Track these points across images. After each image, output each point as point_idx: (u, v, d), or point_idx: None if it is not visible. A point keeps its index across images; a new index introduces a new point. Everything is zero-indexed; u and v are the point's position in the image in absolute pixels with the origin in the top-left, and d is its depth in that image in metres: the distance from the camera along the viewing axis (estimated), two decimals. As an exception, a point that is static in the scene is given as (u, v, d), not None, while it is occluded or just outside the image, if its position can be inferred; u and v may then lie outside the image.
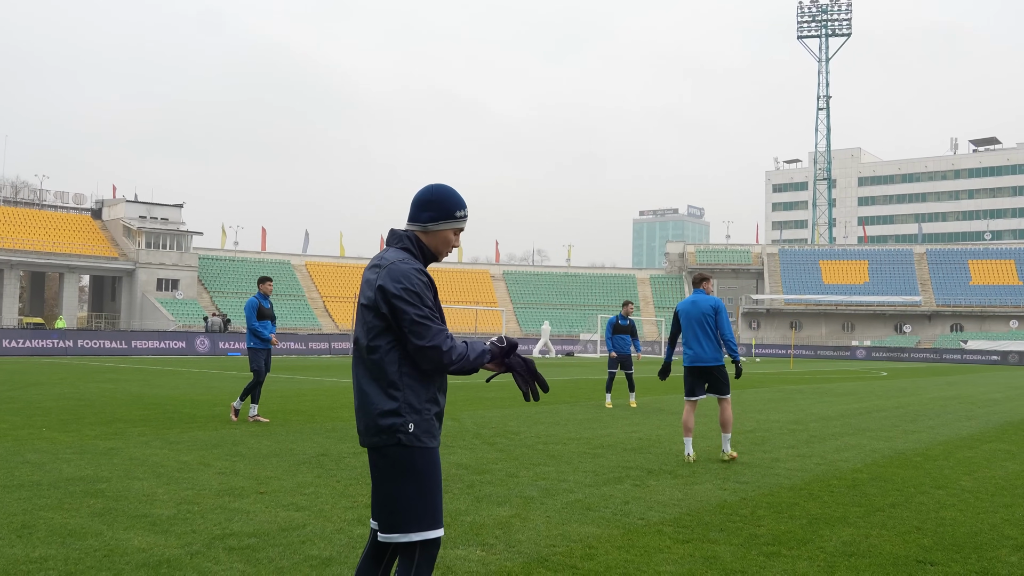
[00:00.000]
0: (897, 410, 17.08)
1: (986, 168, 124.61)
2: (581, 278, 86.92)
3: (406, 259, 3.20)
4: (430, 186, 3.36)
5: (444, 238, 3.33)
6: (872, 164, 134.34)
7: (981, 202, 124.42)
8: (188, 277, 67.69)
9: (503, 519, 6.33)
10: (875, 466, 9.49)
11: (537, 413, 14.55)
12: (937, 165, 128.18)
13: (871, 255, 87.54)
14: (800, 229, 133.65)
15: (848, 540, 5.97)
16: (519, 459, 9.32)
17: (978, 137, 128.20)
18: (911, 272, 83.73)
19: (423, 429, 3.16)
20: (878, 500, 7.48)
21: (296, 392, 18.33)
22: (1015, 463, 9.95)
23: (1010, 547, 5.88)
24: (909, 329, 79.06)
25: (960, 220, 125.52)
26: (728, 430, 9.67)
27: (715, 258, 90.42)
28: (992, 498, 7.68)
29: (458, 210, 3.33)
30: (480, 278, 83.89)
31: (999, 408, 18.30)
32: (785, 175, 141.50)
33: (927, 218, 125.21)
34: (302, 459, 8.96)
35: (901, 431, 13.14)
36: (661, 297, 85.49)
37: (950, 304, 78.82)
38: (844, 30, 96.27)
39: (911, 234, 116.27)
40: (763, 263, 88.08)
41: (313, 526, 5.98)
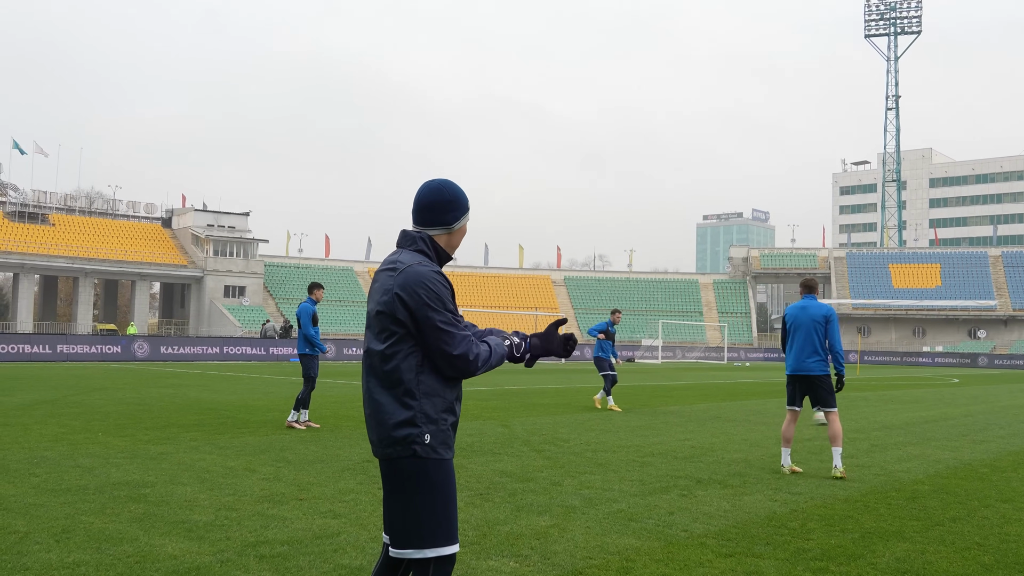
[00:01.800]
0: (966, 419, 16.45)
1: None
2: (643, 283, 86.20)
3: (423, 262, 3.09)
4: (439, 187, 3.23)
5: (462, 234, 3.30)
6: (944, 165, 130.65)
7: None
8: (254, 284, 68.94)
9: (541, 529, 6.19)
10: (938, 477, 9.09)
11: (589, 420, 14.35)
12: (1013, 165, 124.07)
13: (943, 258, 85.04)
14: (868, 232, 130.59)
15: (902, 556, 5.68)
16: (565, 467, 9.15)
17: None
18: (986, 275, 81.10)
19: (439, 440, 3.04)
20: (938, 514, 7.13)
21: (350, 397, 18.42)
22: (1090, 475, 9.43)
23: (1078, 566, 5.52)
24: (984, 334, 76.54)
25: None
26: (838, 444, 9.02)
27: (780, 262, 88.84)
28: (1062, 513, 7.27)
29: (467, 202, 3.31)
30: (541, 283, 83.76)
31: (1077, 417, 17.49)
32: (853, 177, 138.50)
33: (1002, 220, 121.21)
34: (347, 465, 8.94)
35: (969, 440, 12.62)
36: (724, 302, 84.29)
37: (1027, 308, 76.09)
38: (914, 28, 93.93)
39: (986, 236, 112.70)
40: (830, 267, 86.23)
41: (348, 534, 5.91)
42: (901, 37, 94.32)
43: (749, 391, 24.47)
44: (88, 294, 64.92)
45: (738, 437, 12.37)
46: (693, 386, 26.68)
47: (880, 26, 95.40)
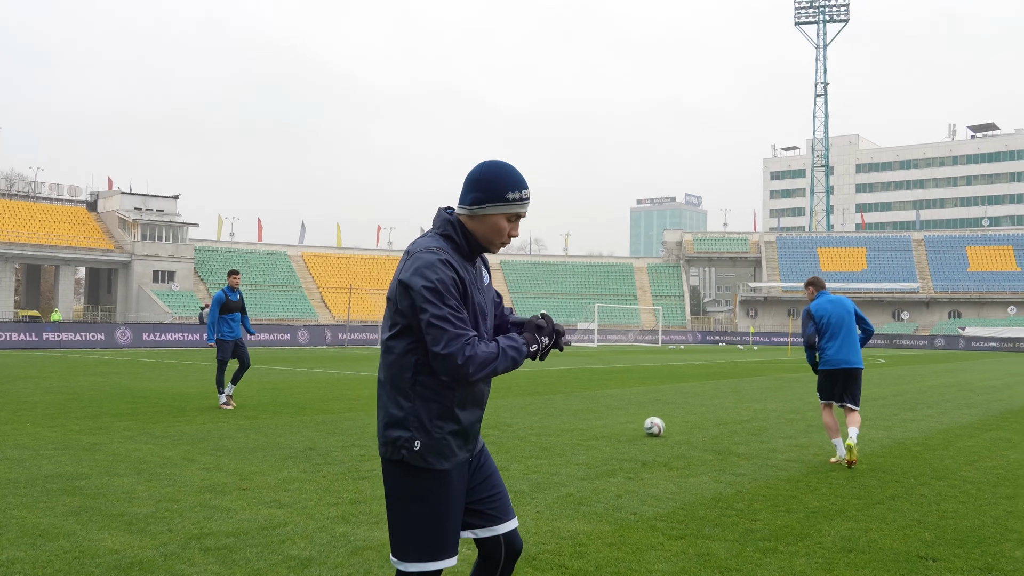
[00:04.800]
0: (896, 398, 16.91)
1: (984, 154, 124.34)
2: (579, 267, 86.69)
3: (437, 247, 2.78)
4: (484, 162, 2.87)
5: (493, 225, 2.84)
6: (870, 151, 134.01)
7: (979, 188, 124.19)
8: (184, 269, 67.42)
9: (491, 515, 6.14)
10: (874, 456, 9.31)
11: (531, 404, 14.37)
12: (935, 151, 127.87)
13: (869, 242, 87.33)
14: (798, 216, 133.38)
15: (847, 535, 5.79)
16: (510, 452, 9.13)
17: (976, 123, 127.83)
18: (909, 259, 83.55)
19: (432, 449, 2.77)
20: (878, 492, 7.29)
21: (288, 384, 18.14)
22: (1016, 452, 9.77)
23: (1015, 541, 5.70)
24: (907, 316, 78.92)
25: (958, 206, 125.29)
26: (856, 426, 8.76)
27: (712, 246, 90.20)
28: (994, 489, 7.50)
29: (511, 191, 2.80)
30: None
31: (998, 395, 18.14)
32: (783, 162, 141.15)
33: (925, 205, 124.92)
34: (289, 453, 8.77)
35: (900, 420, 12.97)
36: (658, 286, 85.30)
37: (948, 291, 78.68)
38: (842, 16, 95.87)
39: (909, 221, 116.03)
40: (761, 251, 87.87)
41: (295, 524, 5.78)
42: (830, 25, 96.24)
43: (686, 374, 24.80)
44: (9, 279, 62.71)
45: (678, 419, 12.50)
46: (631, 369, 26.94)
47: (809, 14, 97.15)
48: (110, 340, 39.95)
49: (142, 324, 45.04)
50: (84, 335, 39.51)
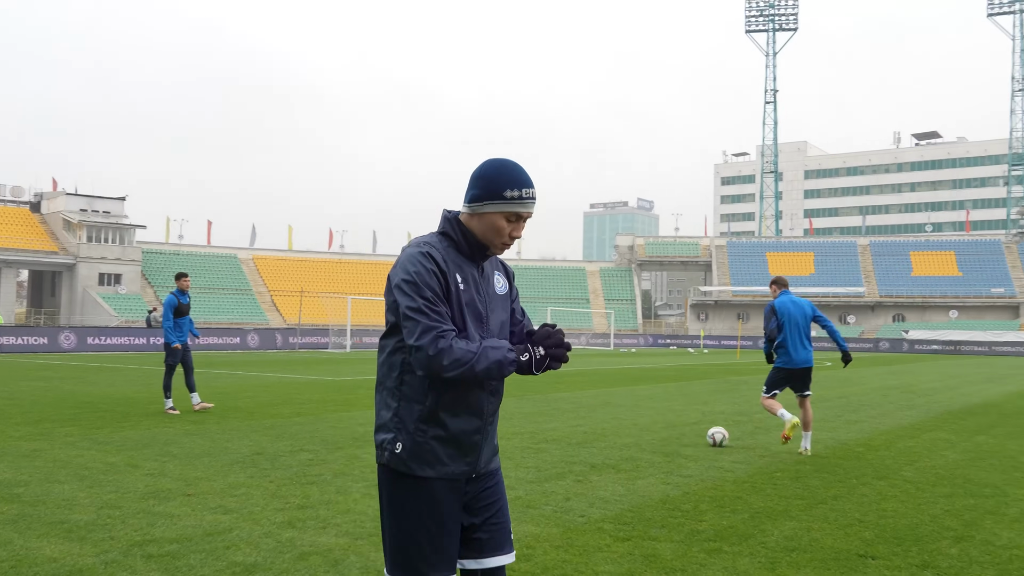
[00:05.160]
0: (840, 400, 17.23)
1: (927, 162, 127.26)
2: (531, 271, 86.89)
3: (425, 242, 2.70)
4: (488, 159, 2.77)
5: (491, 224, 2.71)
6: (818, 157, 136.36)
7: (922, 195, 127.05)
8: (131, 271, 66.19)
9: (440, 519, 6.13)
10: (818, 457, 9.48)
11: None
12: (880, 159, 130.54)
13: (816, 247, 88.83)
14: (748, 221, 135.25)
15: (790, 534, 5.89)
16: (461, 455, 9.11)
17: (920, 131, 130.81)
18: (855, 263, 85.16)
19: (414, 454, 2.65)
20: (821, 492, 7.43)
21: (237, 388, 17.91)
22: (954, 452, 10.02)
23: (950, 539, 5.84)
24: (853, 320, 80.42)
25: (902, 212, 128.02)
26: (809, 428, 9.78)
27: (664, 250, 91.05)
28: (932, 488, 7.68)
29: (509, 189, 2.67)
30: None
31: (939, 397, 18.57)
32: (733, 168, 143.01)
33: (870, 210, 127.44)
34: (235, 458, 8.66)
35: (844, 421, 13.21)
36: (611, 289, 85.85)
37: (892, 295, 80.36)
38: (791, 25, 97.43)
39: (855, 226, 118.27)
40: (711, 255, 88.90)
41: (240, 530, 5.72)
42: (779, 33, 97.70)
43: (637, 377, 25.00)
44: (-52, 282, 61.02)
45: (628, 422, 12.60)
46: (582, 372, 27.07)
47: (759, 22, 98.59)
48: (53, 344, 39.08)
49: (87, 328, 44.12)
50: (26, 339, 38.60)
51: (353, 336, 50.67)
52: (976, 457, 9.65)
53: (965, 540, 5.81)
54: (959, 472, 8.60)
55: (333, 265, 78.69)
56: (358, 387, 18.63)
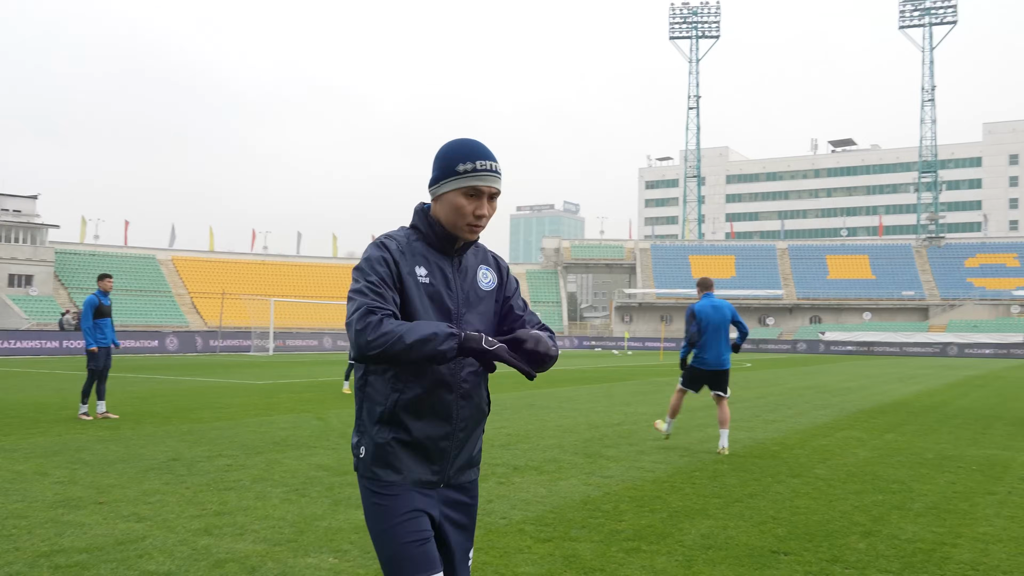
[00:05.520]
0: (758, 400, 17.64)
1: (843, 168, 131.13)
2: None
3: (385, 235, 2.60)
4: (444, 143, 2.64)
5: (451, 204, 2.54)
6: (739, 163, 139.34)
7: (838, 200, 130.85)
8: (44, 272, 63.96)
9: (360, 523, 6.09)
10: (735, 456, 9.69)
11: (407, 410, 14.28)
12: (799, 164, 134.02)
13: (737, 250, 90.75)
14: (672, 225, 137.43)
15: (707, 532, 6.01)
16: (384, 459, 9.06)
17: (836, 138, 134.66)
18: (774, 267, 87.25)
19: (377, 458, 2.50)
20: (737, 490, 7.60)
21: (153, 393, 17.47)
22: (865, 450, 10.35)
23: (859, 534, 6.04)
24: (772, 321, 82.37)
25: (819, 217, 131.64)
26: (727, 427, 10.00)
27: (589, 253, 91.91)
28: (844, 485, 7.93)
29: (461, 163, 2.52)
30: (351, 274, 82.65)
31: (852, 396, 19.16)
32: (657, 172, 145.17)
33: (789, 215, 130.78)
34: (151, 465, 8.45)
35: (761, 421, 13.53)
36: (537, 291, 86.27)
37: (809, 297, 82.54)
38: (713, 32, 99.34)
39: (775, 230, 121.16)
40: (636, 258, 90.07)
41: (154, 538, 5.59)
42: (702, 41, 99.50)
43: (561, 379, 25.17)
44: None
45: (552, 424, 12.69)
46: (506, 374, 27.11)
47: (683, 29, 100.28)
48: (-41, 348, 37.51)
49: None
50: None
51: (276, 339, 49.88)
52: (885, 454, 9.99)
53: (873, 535, 6.01)
54: (869, 469, 8.89)
55: (256, 267, 77.33)
56: (280, 391, 18.36)
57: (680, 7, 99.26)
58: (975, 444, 11.03)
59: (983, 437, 11.80)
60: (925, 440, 11.37)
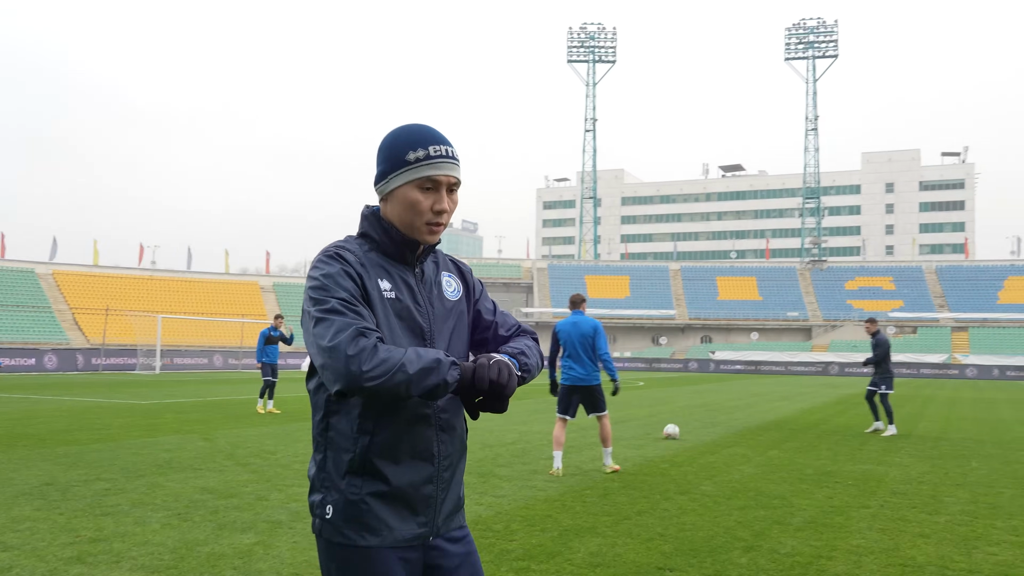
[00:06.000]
0: (650, 418, 17.98)
1: (732, 192, 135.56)
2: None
3: (334, 245, 2.18)
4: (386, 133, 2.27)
5: (405, 201, 2.17)
6: (634, 185, 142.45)
7: (728, 223, 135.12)
8: (-91, 286, 60.31)
9: (245, 547, 5.93)
10: (626, 474, 9.84)
11: (298, 430, 14.01)
12: (691, 188, 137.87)
13: (632, 271, 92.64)
14: (568, 245, 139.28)
15: (595, 550, 6.08)
16: (272, 480, 8.86)
17: (726, 163, 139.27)
18: (667, 287, 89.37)
19: (349, 517, 2.08)
20: (627, 508, 7.72)
21: (28, 413, 16.63)
22: (750, 466, 10.66)
23: (741, 548, 6.21)
24: (665, 341, 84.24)
25: (710, 240, 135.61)
26: (609, 445, 10.00)
27: (487, 272, 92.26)
28: (728, 501, 8.14)
29: (411, 150, 2.16)
30: (249, 290, 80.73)
31: (740, 414, 19.73)
32: (555, 193, 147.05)
33: (681, 237, 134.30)
34: (22, 490, 8.04)
35: (652, 439, 13.80)
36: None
37: (700, 317, 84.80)
38: (609, 57, 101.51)
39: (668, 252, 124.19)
40: (533, 277, 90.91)
41: (21, 568, 5.31)
42: (599, 65, 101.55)
43: (457, 397, 25.11)
44: None
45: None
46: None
47: (580, 53, 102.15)
48: None
49: None
50: None
51: (164, 357, 48.26)
52: (768, 470, 10.32)
53: (754, 549, 6.19)
54: (752, 485, 9.16)
55: (143, 282, 74.71)
56: (165, 411, 17.74)
57: (578, 32, 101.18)
58: (852, 460, 11.50)
59: (859, 453, 12.32)
60: (806, 456, 11.79)
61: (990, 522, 7.37)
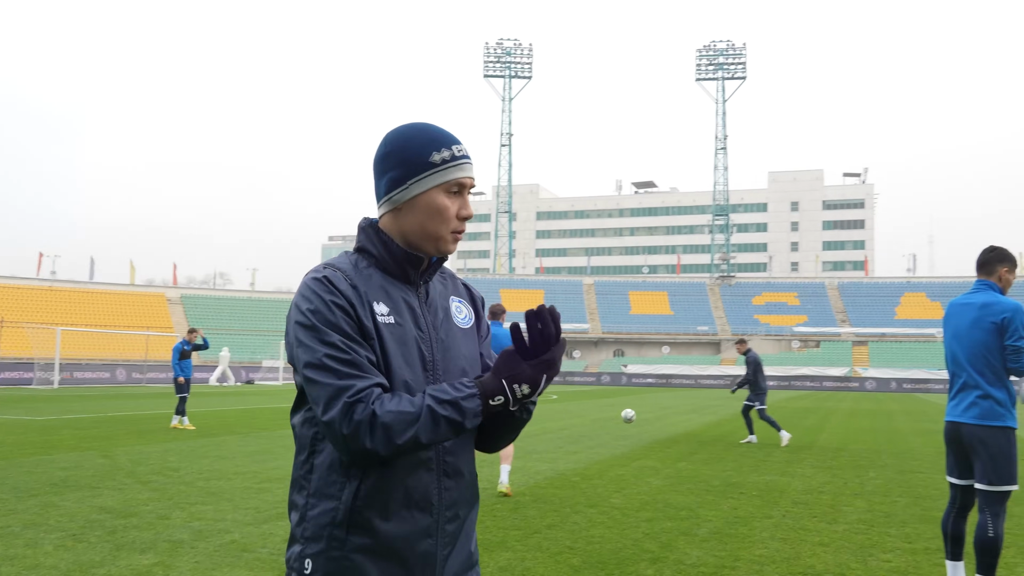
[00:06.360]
0: (562, 432, 18.11)
1: (645, 208, 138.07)
2: (266, 303, 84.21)
3: (326, 264, 1.91)
4: (391, 132, 2.00)
5: (429, 207, 1.92)
6: (549, 200, 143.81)
7: (640, 239, 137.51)
8: None
9: (144, 568, 5.74)
10: (537, 488, 9.88)
11: (203, 446, 13.65)
12: (604, 204, 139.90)
13: (546, 285, 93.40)
14: (484, 259, 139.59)
15: (505, 565, 6.07)
16: (174, 498, 8.60)
17: (639, 180, 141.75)
18: (580, 301, 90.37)
19: (328, 573, 1.81)
20: (537, 522, 7.74)
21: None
22: (658, 478, 10.83)
23: (648, 560, 6.29)
24: (578, 355, 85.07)
25: (623, 255, 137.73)
26: (508, 463, 9.43)
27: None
28: (637, 513, 8.25)
29: (435, 152, 1.93)
30: (155, 301, 78.45)
31: (649, 427, 20.03)
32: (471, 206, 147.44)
33: (595, 252, 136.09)
34: (-97, 512, 7.61)
35: (564, 452, 13.89)
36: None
37: (613, 331, 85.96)
38: (525, 73, 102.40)
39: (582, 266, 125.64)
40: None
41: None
42: (515, 80, 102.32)
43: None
44: None
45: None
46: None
47: (496, 68, 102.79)
48: None
49: None
50: None
51: (63, 371, 46.44)
52: (676, 482, 10.50)
53: (660, 561, 6.28)
54: (660, 497, 9.31)
55: (42, 293, 71.87)
56: (63, 427, 17.07)
57: (494, 47, 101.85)
58: (756, 471, 11.79)
59: (764, 464, 12.64)
60: (713, 468, 12.04)
61: (885, 530, 7.65)
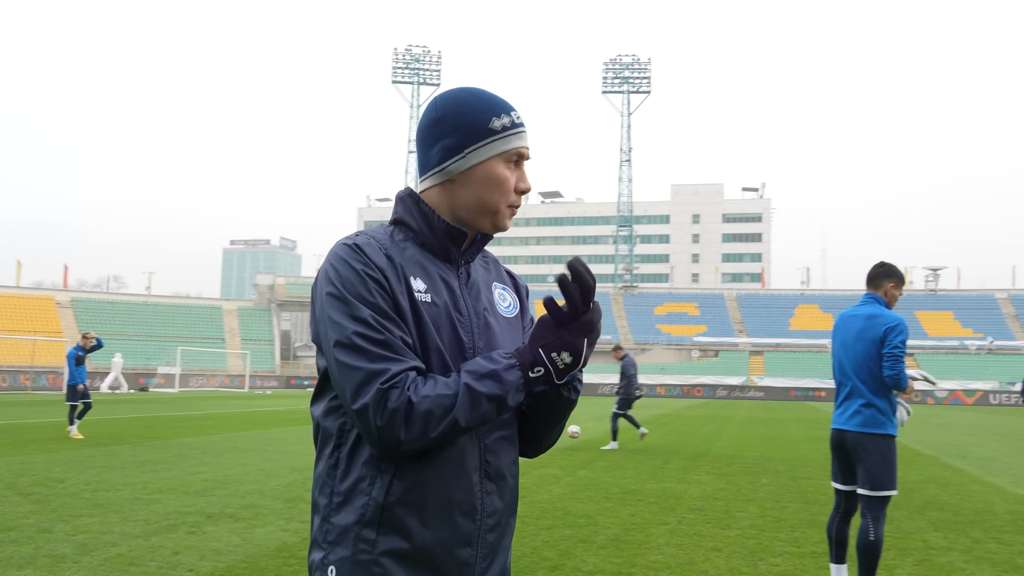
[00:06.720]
0: (466, 440, 18.06)
1: (551, 218, 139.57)
2: (162, 308, 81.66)
3: (359, 233, 1.75)
4: (442, 95, 1.83)
5: (487, 178, 1.75)
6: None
7: (547, 248, 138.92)
8: None
9: (21, 585, 5.47)
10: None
11: (90, 456, 13.13)
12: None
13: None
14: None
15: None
16: (57, 511, 8.24)
17: (546, 190, 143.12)
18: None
19: None
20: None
21: None
22: (559, 486, 10.91)
23: (546, 568, 6.33)
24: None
25: (529, 264, 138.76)
26: None
27: (306, 291, 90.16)
28: (537, 521, 8.29)
29: (495, 117, 1.76)
30: (43, 304, 75.14)
31: (552, 435, 20.15)
32: (377, 212, 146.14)
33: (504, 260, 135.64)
34: None
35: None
36: (248, 329, 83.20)
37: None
38: (434, 80, 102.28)
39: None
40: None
41: None
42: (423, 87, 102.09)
43: (269, 420, 24.34)
44: None
45: (254, 467, 12.20)
46: (211, 416, 25.82)
47: (405, 74, 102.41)
48: None
49: None
50: None
51: (-60, 377, 44.03)
52: (576, 490, 10.60)
53: (559, 569, 6.33)
54: (560, 505, 9.38)
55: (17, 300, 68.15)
56: (-61, 436, 16.17)
57: (403, 53, 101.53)
58: (654, 478, 12.00)
59: (662, 471, 12.88)
60: (612, 475, 12.20)
61: (775, 535, 7.88)
